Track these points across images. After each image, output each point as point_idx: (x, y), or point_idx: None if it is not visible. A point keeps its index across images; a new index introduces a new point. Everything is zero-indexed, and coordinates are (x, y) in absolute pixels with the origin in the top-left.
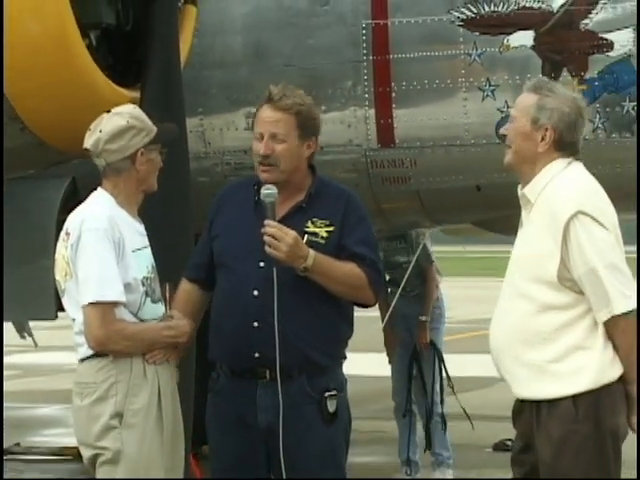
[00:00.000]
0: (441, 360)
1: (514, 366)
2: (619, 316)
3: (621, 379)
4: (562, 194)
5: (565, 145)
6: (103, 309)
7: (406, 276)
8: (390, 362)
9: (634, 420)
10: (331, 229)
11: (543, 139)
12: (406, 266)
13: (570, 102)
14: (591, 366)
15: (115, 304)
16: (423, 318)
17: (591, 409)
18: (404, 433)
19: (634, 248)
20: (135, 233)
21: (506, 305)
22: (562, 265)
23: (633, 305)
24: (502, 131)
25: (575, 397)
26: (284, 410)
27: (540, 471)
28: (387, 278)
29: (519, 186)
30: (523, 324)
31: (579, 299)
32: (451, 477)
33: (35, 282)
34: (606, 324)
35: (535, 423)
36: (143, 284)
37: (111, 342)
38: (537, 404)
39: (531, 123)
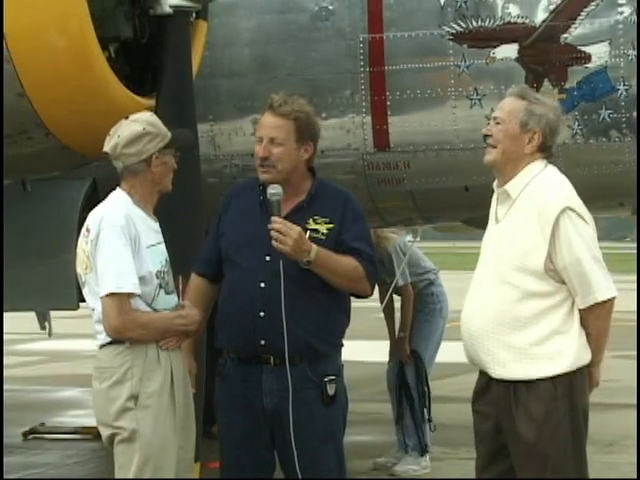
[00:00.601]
0: (423, 371)
1: (495, 348)
2: (599, 303)
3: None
4: (549, 192)
5: (546, 148)
6: (120, 300)
7: (390, 292)
8: (389, 362)
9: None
10: (331, 226)
11: (530, 141)
12: (391, 284)
13: (554, 110)
14: (569, 349)
15: (131, 295)
16: (402, 334)
17: (567, 389)
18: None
19: (610, 244)
20: (150, 230)
21: (486, 292)
22: (548, 256)
23: (613, 293)
24: (485, 131)
25: (553, 378)
26: (287, 394)
27: (518, 449)
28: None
29: (495, 183)
30: (507, 309)
31: (559, 288)
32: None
33: (58, 275)
34: (584, 310)
35: (513, 403)
36: (157, 277)
37: (127, 330)
38: (514, 385)
39: (520, 126)
